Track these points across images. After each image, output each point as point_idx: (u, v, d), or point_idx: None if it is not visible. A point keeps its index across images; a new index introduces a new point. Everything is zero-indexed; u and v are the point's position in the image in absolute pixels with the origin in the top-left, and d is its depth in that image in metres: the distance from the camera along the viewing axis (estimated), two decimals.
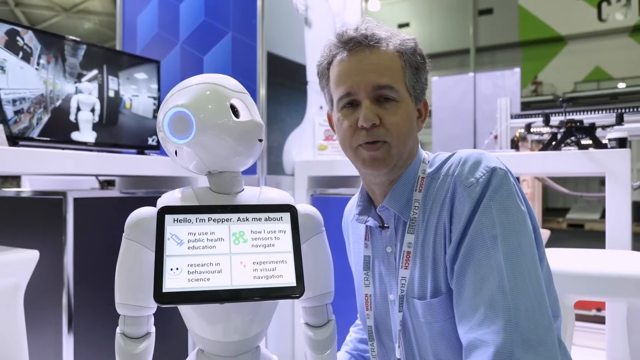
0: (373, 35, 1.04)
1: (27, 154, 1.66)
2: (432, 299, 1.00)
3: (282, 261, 0.94)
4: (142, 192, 2.19)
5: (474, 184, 0.95)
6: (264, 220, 0.97)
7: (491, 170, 0.96)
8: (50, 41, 1.94)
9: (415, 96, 1.08)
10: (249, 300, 0.90)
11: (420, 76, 1.08)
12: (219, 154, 0.98)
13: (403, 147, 1.05)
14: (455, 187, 0.98)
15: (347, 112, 1.06)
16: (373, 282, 1.16)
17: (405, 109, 1.05)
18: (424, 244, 1.02)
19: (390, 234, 1.11)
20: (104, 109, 2.16)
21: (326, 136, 2.81)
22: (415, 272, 1.03)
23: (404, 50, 1.05)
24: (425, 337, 1.03)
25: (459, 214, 0.96)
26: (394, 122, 1.03)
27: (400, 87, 1.04)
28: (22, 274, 1.63)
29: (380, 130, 1.03)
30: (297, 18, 2.92)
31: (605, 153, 1.92)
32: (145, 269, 0.96)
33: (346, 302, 1.67)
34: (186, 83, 1.02)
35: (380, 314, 1.15)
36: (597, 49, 12.92)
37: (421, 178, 1.07)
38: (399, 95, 1.04)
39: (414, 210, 1.05)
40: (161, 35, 2.97)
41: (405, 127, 1.05)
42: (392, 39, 1.06)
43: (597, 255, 1.67)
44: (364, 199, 1.16)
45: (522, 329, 0.85)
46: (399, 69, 1.05)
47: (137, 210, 1.01)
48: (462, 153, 1.03)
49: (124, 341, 0.99)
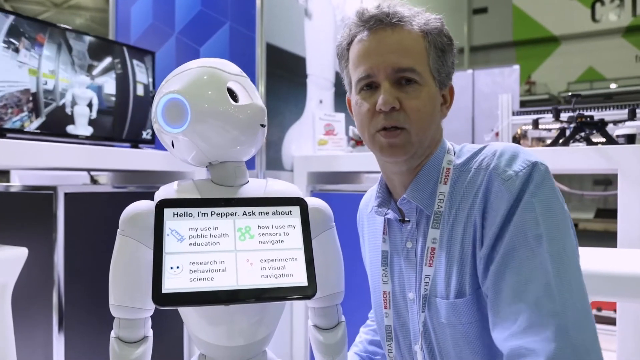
0: (395, 13, 0.98)
1: (15, 147, 1.59)
2: (457, 299, 0.94)
3: (292, 258, 0.87)
4: (136, 186, 2.12)
5: (512, 177, 0.88)
6: (271, 214, 0.90)
7: (532, 164, 0.89)
8: (36, 29, 1.85)
9: (440, 80, 1.01)
10: (256, 301, 0.83)
11: (446, 59, 1.01)
12: (218, 142, 0.91)
13: (424, 134, 0.99)
14: (491, 181, 0.91)
15: (366, 95, 1.00)
16: (392, 279, 1.09)
17: (428, 93, 0.98)
18: (451, 241, 0.96)
19: (411, 229, 1.04)
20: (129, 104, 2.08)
21: (326, 131, 2.75)
22: (440, 270, 0.97)
23: (428, 30, 0.99)
24: (447, 339, 0.97)
25: (495, 209, 0.89)
26: (415, 106, 0.96)
27: (423, 69, 0.97)
28: (10, 272, 1.57)
29: (400, 115, 0.96)
30: (297, 9, 2.86)
31: (617, 149, 1.86)
32: (142, 267, 0.89)
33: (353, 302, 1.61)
34: (181, 68, 0.95)
35: (399, 313, 1.08)
36: (591, 50, 12.95)
37: (446, 169, 1.00)
38: (421, 79, 0.97)
39: (439, 203, 0.98)
40: (156, 26, 2.89)
41: (427, 112, 0.98)
42: (417, 17, 0.99)
43: (609, 254, 1.62)
44: (383, 191, 1.10)
45: (571, 337, 0.77)
46: (422, 50, 0.98)
47: (133, 204, 0.93)
48: (497, 145, 0.97)
49: (119, 346, 0.92)
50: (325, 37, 3.09)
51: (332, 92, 3.15)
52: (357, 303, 1.54)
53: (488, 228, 0.89)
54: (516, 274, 0.84)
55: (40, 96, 1.84)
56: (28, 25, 1.81)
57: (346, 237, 1.34)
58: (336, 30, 3.18)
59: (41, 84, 1.85)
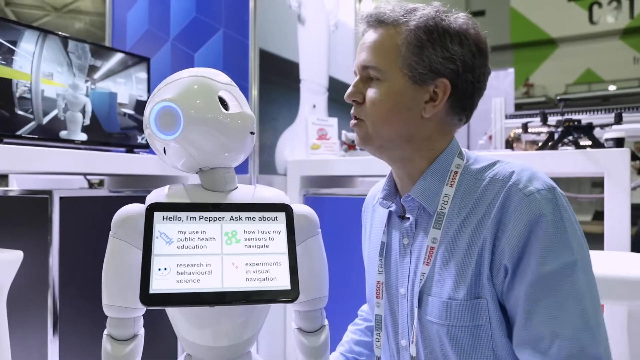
0: (374, 14, 1.04)
1: (13, 152, 1.61)
2: (450, 300, 0.96)
3: (276, 263, 0.90)
4: (131, 191, 2.14)
5: (533, 193, 0.90)
6: (258, 219, 0.93)
7: (553, 188, 0.92)
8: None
9: (415, 76, 0.99)
10: (240, 303, 0.86)
11: (423, 55, 0.98)
12: (209, 149, 0.94)
13: (380, 127, 1.01)
14: (510, 195, 0.92)
15: None
16: (386, 271, 1.12)
17: (389, 88, 1.00)
18: (455, 244, 0.97)
19: (409, 226, 1.06)
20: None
21: (319, 135, 2.78)
22: (437, 269, 0.99)
23: (408, 28, 0.99)
24: (434, 338, 0.99)
25: (516, 223, 0.90)
26: (371, 99, 1.02)
27: (388, 66, 1.00)
28: (5, 275, 1.59)
29: (360, 107, 1.05)
30: (290, 15, 2.88)
31: (604, 153, 1.89)
32: (133, 269, 0.92)
33: (340, 306, 1.63)
34: (173, 77, 0.98)
35: (391, 305, 1.11)
36: (588, 52, 12.98)
37: (454, 172, 1.02)
38: (383, 75, 1.01)
39: (442, 204, 1.00)
40: (151, 32, 2.92)
41: (384, 107, 1.01)
42: (396, 15, 1.01)
43: (596, 257, 1.64)
44: (390, 185, 1.13)
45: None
46: (391, 47, 1.00)
47: (125, 207, 0.96)
48: (513, 164, 0.99)
49: (111, 343, 0.95)
50: (319, 42, 3.11)
51: (326, 97, 3.18)
52: (347, 307, 1.56)
53: (507, 241, 0.91)
54: (553, 298, 0.87)
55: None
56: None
57: (339, 241, 1.37)
58: (329, 36, 3.21)
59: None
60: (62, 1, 11.12)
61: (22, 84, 1.83)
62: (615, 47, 12.75)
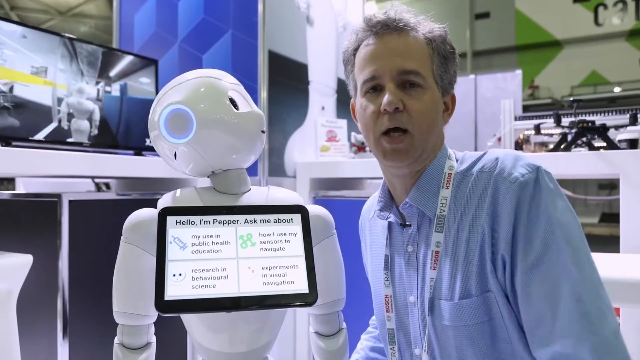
0: (401, 19, 1.00)
1: (20, 155, 1.60)
2: (462, 300, 0.94)
3: (293, 266, 0.88)
4: (139, 194, 2.13)
5: (518, 179, 0.90)
6: (273, 222, 0.91)
7: (536, 167, 0.92)
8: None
9: (443, 87, 1.03)
10: (257, 308, 0.84)
11: (448, 67, 1.03)
12: (221, 150, 0.93)
13: (426, 138, 1.00)
14: (497, 185, 0.93)
15: (371, 97, 1.02)
16: (392, 282, 1.10)
17: (431, 97, 1.00)
18: (456, 244, 0.97)
19: (412, 233, 1.05)
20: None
21: (328, 137, 2.76)
22: (444, 272, 0.98)
23: (433, 38, 1.01)
24: (450, 342, 0.97)
25: (506, 210, 0.90)
26: (418, 108, 0.98)
27: (427, 74, 1.00)
28: (15, 279, 1.58)
29: (403, 116, 0.98)
30: (299, 16, 2.87)
31: (619, 154, 1.86)
32: (145, 275, 0.90)
33: (355, 308, 1.61)
34: (178, 80, 0.96)
35: (400, 317, 1.09)
36: (594, 53, 12.93)
37: (448, 174, 1.02)
38: (425, 82, 0.99)
39: (441, 207, 0.99)
40: (159, 34, 2.91)
41: (430, 116, 1.00)
42: (421, 24, 1.02)
43: (613, 259, 1.61)
44: (385, 195, 1.12)
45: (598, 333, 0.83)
46: (426, 55, 1.00)
47: (137, 211, 0.95)
48: (497, 152, 0.99)
49: (123, 352, 0.93)
50: (327, 43, 3.10)
51: (334, 98, 3.16)
52: (360, 310, 1.54)
53: (501, 231, 0.91)
54: (543, 280, 0.87)
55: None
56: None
57: (349, 244, 1.35)
58: (338, 37, 3.20)
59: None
60: (67, 5, 11.17)
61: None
62: (620, 49, 12.70)
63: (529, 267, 0.88)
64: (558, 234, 0.87)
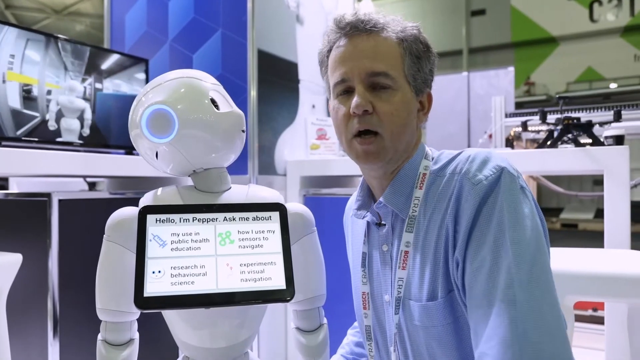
0: (370, 20, 1.00)
1: (11, 155, 1.61)
2: (429, 302, 0.95)
3: (271, 263, 0.89)
4: (131, 192, 2.14)
5: (482, 182, 0.90)
6: (251, 219, 0.92)
7: (501, 169, 0.90)
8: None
9: (416, 86, 1.02)
10: (235, 304, 0.85)
11: (422, 65, 1.03)
12: (202, 149, 0.94)
13: (397, 139, 1.00)
14: (462, 185, 0.92)
15: (343, 100, 1.02)
16: (370, 280, 1.11)
17: (402, 98, 1.00)
18: (425, 244, 0.97)
19: (386, 232, 1.06)
20: None
21: (318, 135, 2.78)
22: (414, 273, 0.98)
23: (404, 37, 1.01)
24: (420, 341, 0.99)
25: (465, 213, 0.90)
26: (388, 110, 0.98)
27: (397, 74, 0.99)
28: (4, 278, 1.59)
29: (373, 118, 0.98)
30: (289, 15, 2.88)
31: (604, 150, 1.89)
32: (127, 272, 0.91)
33: (340, 306, 1.63)
34: (159, 80, 0.98)
35: (377, 314, 1.10)
36: (589, 50, 12.94)
37: (422, 174, 1.02)
38: (395, 83, 0.99)
39: (414, 207, 1.00)
40: (150, 34, 2.92)
41: (401, 117, 1.00)
42: (392, 24, 1.02)
43: (597, 254, 1.63)
44: (364, 194, 1.12)
45: (530, 338, 0.78)
46: (397, 55, 1.00)
47: (119, 210, 0.96)
48: (470, 151, 0.98)
49: (106, 349, 0.95)
50: (317, 42, 3.08)
51: (325, 97, 3.17)
52: (345, 306, 1.56)
53: (459, 231, 0.91)
54: (485, 281, 0.84)
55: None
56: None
57: (339, 241, 1.36)
58: None
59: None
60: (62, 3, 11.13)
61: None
62: (616, 45, 12.71)
63: (475, 269, 0.87)
64: (507, 237, 0.84)
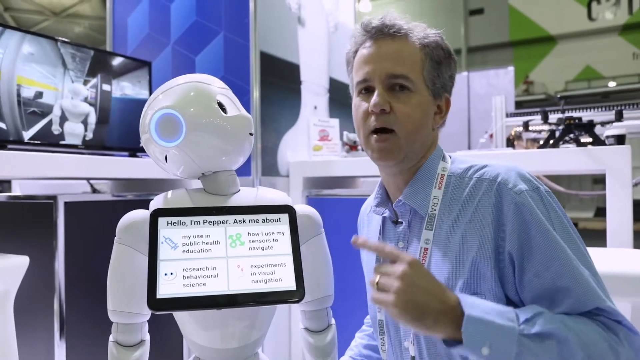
0: (394, 24, 1.05)
1: (16, 158, 1.62)
2: None
3: (281, 264, 0.91)
4: (135, 195, 2.15)
5: (523, 191, 0.95)
6: (261, 221, 0.94)
7: (537, 188, 0.97)
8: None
9: (434, 90, 1.07)
10: (246, 305, 0.87)
11: (441, 71, 1.07)
12: (210, 153, 0.95)
13: (412, 138, 1.05)
14: (502, 195, 0.96)
15: (363, 98, 1.07)
16: None
17: (419, 100, 1.04)
18: (448, 243, 1.00)
19: (403, 230, 1.09)
20: None
21: (321, 136, 2.78)
22: (431, 269, 1.01)
23: (427, 43, 1.06)
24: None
25: (513, 222, 0.94)
26: (404, 111, 1.03)
27: (416, 78, 1.04)
28: (12, 280, 1.59)
29: (390, 117, 1.03)
30: (290, 17, 2.89)
31: (605, 150, 1.90)
32: (138, 274, 0.93)
33: (347, 306, 1.64)
34: (168, 85, 0.99)
35: None
36: (588, 48, 12.96)
37: (440, 175, 1.06)
38: (413, 86, 1.03)
39: (433, 206, 1.04)
40: (152, 36, 2.92)
41: (416, 118, 1.04)
42: (415, 30, 1.06)
43: (599, 253, 1.64)
44: (381, 192, 1.16)
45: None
46: (418, 60, 1.05)
47: (129, 213, 0.97)
48: (496, 166, 1.02)
49: (118, 350, 0.96)
50: (319, 43, 3.12)
51: (327, 98, 3.18)
52: (352, 307, 1.57)
53: (509, 242, 0.94)
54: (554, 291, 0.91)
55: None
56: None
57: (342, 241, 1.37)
58: (329, 37, 3.22)
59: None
60: (61, 6, 11.13)
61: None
62: (614, 43, 12.73)
63: (534, 274, 0.92)
64: (560, 240, 0.92)
